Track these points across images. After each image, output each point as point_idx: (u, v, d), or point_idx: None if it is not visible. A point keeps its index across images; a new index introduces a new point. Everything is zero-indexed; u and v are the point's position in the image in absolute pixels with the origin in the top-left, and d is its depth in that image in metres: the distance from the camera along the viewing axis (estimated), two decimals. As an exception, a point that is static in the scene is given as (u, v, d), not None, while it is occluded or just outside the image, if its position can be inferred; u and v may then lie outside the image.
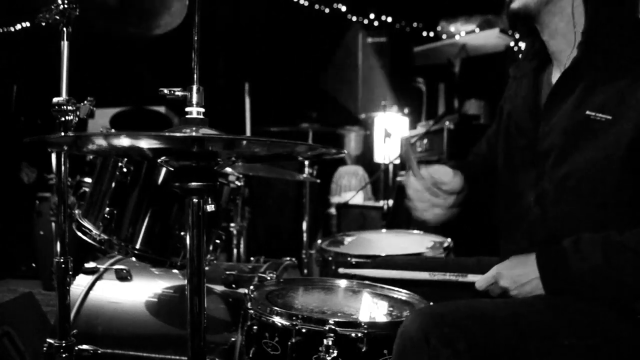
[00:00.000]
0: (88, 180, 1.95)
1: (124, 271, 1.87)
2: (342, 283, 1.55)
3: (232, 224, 2.98)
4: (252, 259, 2.13)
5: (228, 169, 2.01)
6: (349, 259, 2.06)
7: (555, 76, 1.37)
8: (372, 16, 5.06)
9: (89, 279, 1.87)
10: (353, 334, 1.17)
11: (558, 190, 1.28)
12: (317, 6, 5.13)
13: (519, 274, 1.26)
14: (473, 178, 1.54)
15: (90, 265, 1.91)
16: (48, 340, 1.55)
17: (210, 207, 1.10)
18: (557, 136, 1.29)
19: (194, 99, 1.11)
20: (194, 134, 1.03)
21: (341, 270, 1.60)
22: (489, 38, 4.22)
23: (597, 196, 1.23)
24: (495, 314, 1.15)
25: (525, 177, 1.38)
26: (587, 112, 1.23)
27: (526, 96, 1.42)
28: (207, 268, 1.83)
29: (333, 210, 4.43)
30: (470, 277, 1.36)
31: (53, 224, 2.94)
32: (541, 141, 1.33)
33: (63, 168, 1.57)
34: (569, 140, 1.26)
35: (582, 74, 1.27)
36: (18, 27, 4.71)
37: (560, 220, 1.28)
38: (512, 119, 1.46)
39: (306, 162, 2.98)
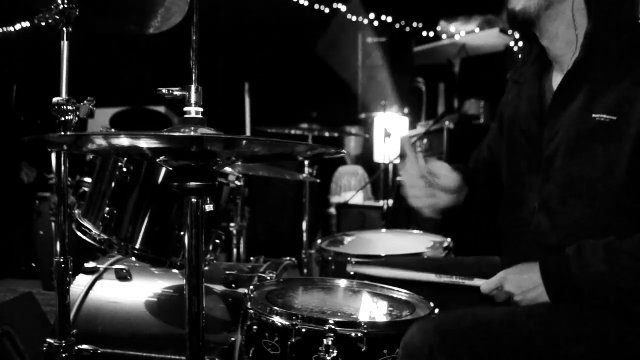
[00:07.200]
0: (88, 180, 1.95)
1: (124, 271, 1.87)
2: (342, 283, 1.55)
3: (232, 224, 2.97)
4: (252, 259, 2.12)
5: (228, 169, 2.01)
6: (349, 259, 2.06)
7: (557, 80, 1.35)
8: (372, 16, 5.05)
9: (89, 279, 1.87)
10: (353, 334, 1.17)
11: (564, 193, 1.27)
12: (317, 6, 5.12)
13: (524, 280, 1.26)
14: (475, 182, 1.53)
15: (90, 265, 1.91)
16: (48, 340, 1.55)
17: (209, 207, 1.10)
18: (563, 139, 1.27)
19: (193, 99, 1.11)
20: (192, 134, 1.04)
21: (349, 268, 1.59)
22: (489, 38, 4.23)
23: (603, 200, 1.22)
24: (500, 325, 1.14)
25: (530, 183, 1.37)
26: (594, 115, 1.21)
27: (531, 102, 1.40)
28: (206, 268, 1.83)
29: (333, 210, 4.42)
30: (477, 281, 1.36)
31: (53, 224, 2.94)
32: (546, 146, 1.31)
33: (63, 168, 1.57)
34: (575, 143, 1.25)
35: (586, 75, 1.26)
36: (18, 27, 4.71)
37: (565, 224, 1.27)
38: (517, 125, 1.43)
39: (306, 162, 2.97)
